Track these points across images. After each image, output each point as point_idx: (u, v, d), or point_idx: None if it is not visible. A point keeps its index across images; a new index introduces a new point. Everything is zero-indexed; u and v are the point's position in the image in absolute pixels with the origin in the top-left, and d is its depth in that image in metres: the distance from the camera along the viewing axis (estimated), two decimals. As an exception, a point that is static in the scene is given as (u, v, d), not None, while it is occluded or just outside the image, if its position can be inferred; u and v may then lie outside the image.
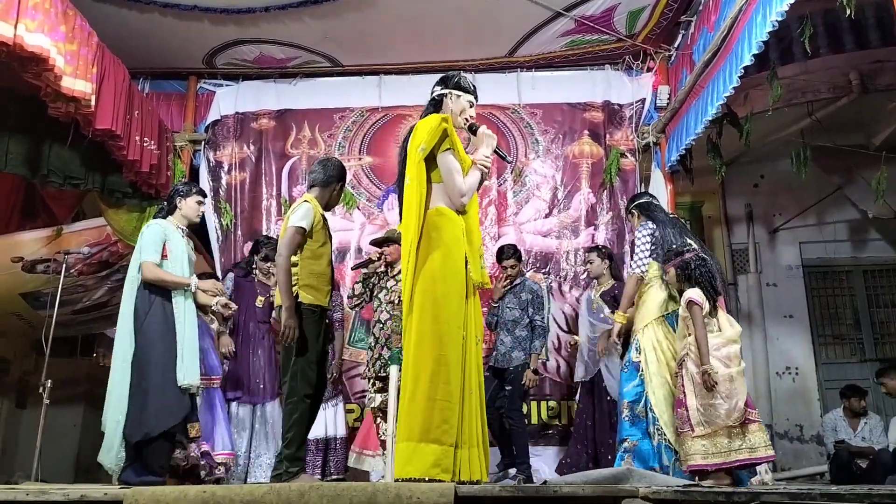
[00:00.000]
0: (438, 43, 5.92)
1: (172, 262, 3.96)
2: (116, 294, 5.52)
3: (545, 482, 2.84)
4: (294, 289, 3.60)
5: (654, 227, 4.22)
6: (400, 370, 3.95)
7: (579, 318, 5.36)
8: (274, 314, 4.34)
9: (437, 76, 6.03)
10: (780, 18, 3.66)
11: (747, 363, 6.96)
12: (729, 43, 4.34)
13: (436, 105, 3.38)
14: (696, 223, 7.53)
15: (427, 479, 2.81)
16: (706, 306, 3.69)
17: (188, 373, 3.81)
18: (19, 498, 2.57)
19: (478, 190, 3.34)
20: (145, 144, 5.18)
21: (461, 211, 3.24)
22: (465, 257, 3.17)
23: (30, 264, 6.13)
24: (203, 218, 6.00)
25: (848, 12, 3.59)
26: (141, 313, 3.87)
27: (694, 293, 3.72)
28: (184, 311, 3.93)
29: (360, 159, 6.21)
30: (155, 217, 4.28)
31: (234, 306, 4.45)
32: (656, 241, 4.16)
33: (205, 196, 4.38)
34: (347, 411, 5.41)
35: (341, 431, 5.13)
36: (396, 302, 4.27)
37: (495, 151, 3.37)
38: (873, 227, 7.36)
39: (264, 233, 6.00)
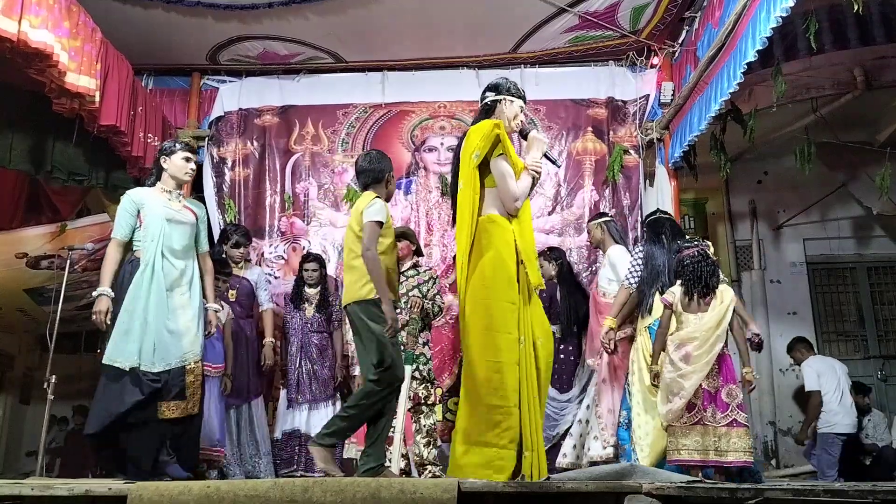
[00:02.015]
0: (442, 39, 5.90)
1: (145, 229, 3.69)
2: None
3: (548, 478, 2.83)
4: (368, 286, 3.29)
5: (646, 248, 4.34)
6: (413, 370, 3.97)
7: None
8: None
9: (441, 72, 6.22)
10: (784, 14, 3.65)
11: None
12: (733, 39, 4.33)
13: (487, 111, 3.39)
14: (699, 220, 7.53)
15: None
16: (678, 305, 3.76)
17: (113, 350, 3.48)
18: (24, 492, 2.58)
19: (529, 194, 3.35)
20: (149, 140, 5.19)
21: (514, 215, 3.26)
22: (521, 261, 3.19)
23: (34, 260, 6.16)
24: (207, 214, 6.04)
25: (856, 8, 3.58)
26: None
27: (666, 293, 3.84)
28: (139, 287, 3.59)
29: (363, 156, 6.19)
30: (146, 185, 3.96)
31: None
32: (646, 258, 4.30)
33: (194, 152, 3.95)
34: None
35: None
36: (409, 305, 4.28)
37: (545, 155, 3.38)
38: (877, 224, 7.35)
39: (267, 229, 6.01)
